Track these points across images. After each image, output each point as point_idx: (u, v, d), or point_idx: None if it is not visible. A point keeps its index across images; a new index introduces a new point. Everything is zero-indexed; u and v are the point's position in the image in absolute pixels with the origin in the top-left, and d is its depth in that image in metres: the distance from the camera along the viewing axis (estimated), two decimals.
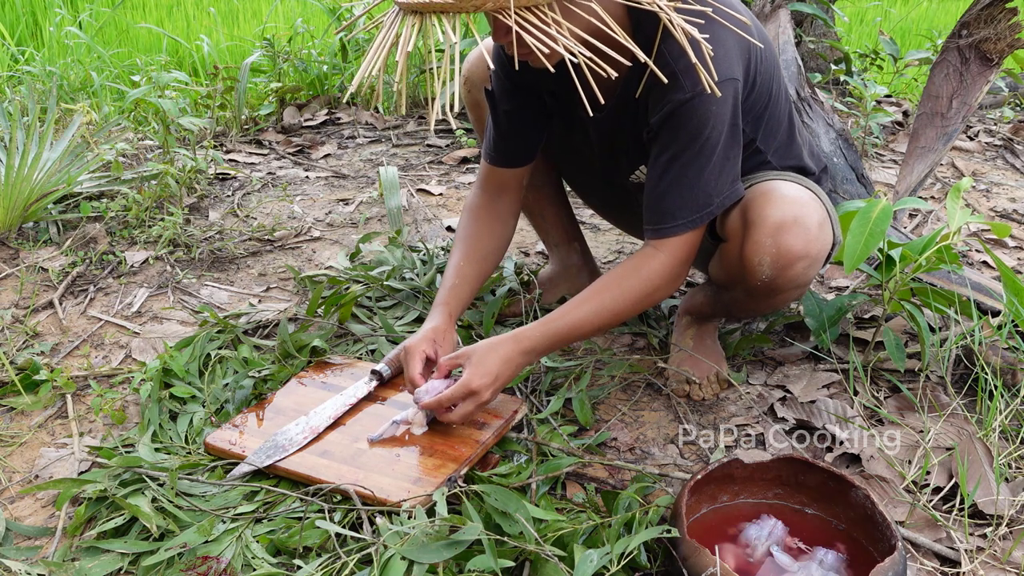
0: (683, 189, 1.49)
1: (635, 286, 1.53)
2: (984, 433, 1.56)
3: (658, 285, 1.54)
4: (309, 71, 3.66)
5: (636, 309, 1.56)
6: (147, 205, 2.53)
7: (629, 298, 1.53)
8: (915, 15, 5.27)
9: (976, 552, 1.38)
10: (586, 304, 1.54)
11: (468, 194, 1.82)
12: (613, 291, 1.54)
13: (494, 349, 1.51)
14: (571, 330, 1.54)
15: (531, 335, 1.53)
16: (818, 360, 1.86)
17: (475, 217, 1.78)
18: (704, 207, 1.51)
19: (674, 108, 1.44)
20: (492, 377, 1.49)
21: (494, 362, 1.50)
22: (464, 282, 1.71)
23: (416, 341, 1.60)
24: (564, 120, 1.72)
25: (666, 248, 1.53)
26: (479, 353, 1.51)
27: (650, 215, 1.54)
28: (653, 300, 1.56)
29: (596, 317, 1.54)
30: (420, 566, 1.24)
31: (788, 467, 1.41)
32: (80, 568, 1.32)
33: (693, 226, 1.51)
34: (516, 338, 1.53)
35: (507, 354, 1.51)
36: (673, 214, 1.51)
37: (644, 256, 1.54)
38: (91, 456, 1.59)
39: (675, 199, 1.50)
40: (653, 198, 1.53)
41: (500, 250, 1.79)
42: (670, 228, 1.52)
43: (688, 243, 1.53)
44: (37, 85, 3.33)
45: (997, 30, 2.06)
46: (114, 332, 2.03)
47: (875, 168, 3.02)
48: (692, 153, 1.47)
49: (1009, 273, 1.68)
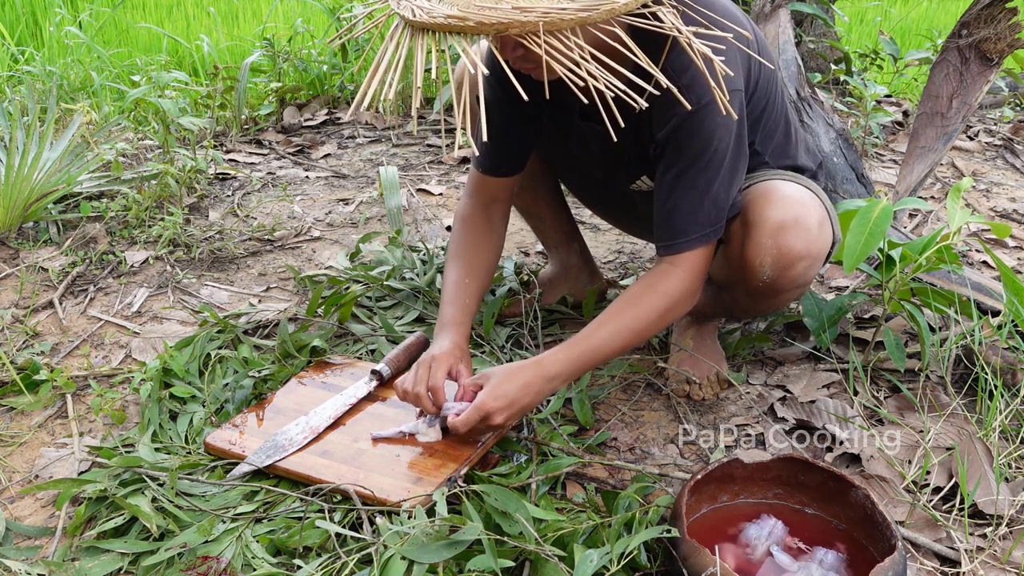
0: (693, 204, 1.48)
1: (655, 304, 1.51)
2: (984, 433, 1.56)
3: (677, 300, 1.52)
4: (309, 71, 3.66)
5: (657, 327, 1.53)
6: (147, 205, 2.53)
7: (650, 316, 1.51)
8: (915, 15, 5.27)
9: (976, 552, 1.38)
10: (608, 325, 1.51)
11: (459, 203, 1.80)
12: (634, 310, 1.51)
13: (515, 374, 1.48)
14: (595, 352, 1.51)
15: (555, 359, 1.49)
16: (818, 360, 1.86)
17: (470, 228, 1.75)
18: (716, 221, 1.50)
19: (680, 122, 1.43)
20: (507, 401, 1.45)
21: (512, 387, 1.46)
22: (472, 300, 1.68)
23: (444, 353, 1.56)
24: (561, 128, 1.70)
25: (681, 263, 1.51)
26: (499, 376, 1.48)
27: (661, 232, 1.52)
28: (673, 316, 1.54)
29: (619, 336, 1.51)
30: (420, 566, 1.24)
31: (788, 467, 1.41)
32: (80, 568, 1.32)
33: (706, 240, 1.50)
34: (540, 363, 1.49)
35: (527, 379, 1.47)
36: (685, 230, 1.49)
37: (660, 273, 1.52)
38: (91, 456, 1.59)
39: (686, 215, 1.49)
40: (663, 215, 1.51)
41: (496, 260, 1.78)
42: (683, 244, 1.50)
43: (703, 257, 1.52)
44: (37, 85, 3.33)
45: (997, 30, 2.06)
46: (114, 332, 2.03)
47: (875, 168, 3.02)
48: (700, 167, 1.46)
49: (1009, 273, 1.68)
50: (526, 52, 1.25)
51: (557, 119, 1.69)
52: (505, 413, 1.46)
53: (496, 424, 1.47)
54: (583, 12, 1.20)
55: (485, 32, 1.19)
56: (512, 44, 1.25)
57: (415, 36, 1.21)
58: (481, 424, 1.47)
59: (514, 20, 1.17)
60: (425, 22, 1.19)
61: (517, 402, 1.46)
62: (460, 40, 1.18)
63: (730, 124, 1.45)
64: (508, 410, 1.46)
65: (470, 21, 1.18)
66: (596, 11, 1.21)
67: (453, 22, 1.18)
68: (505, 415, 1.46)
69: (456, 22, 1.18)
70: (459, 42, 1.18)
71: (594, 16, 1.21)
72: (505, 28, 1.18)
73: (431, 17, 1.19)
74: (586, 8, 1.21)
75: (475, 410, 1.45)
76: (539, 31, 1.18)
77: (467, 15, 1.18)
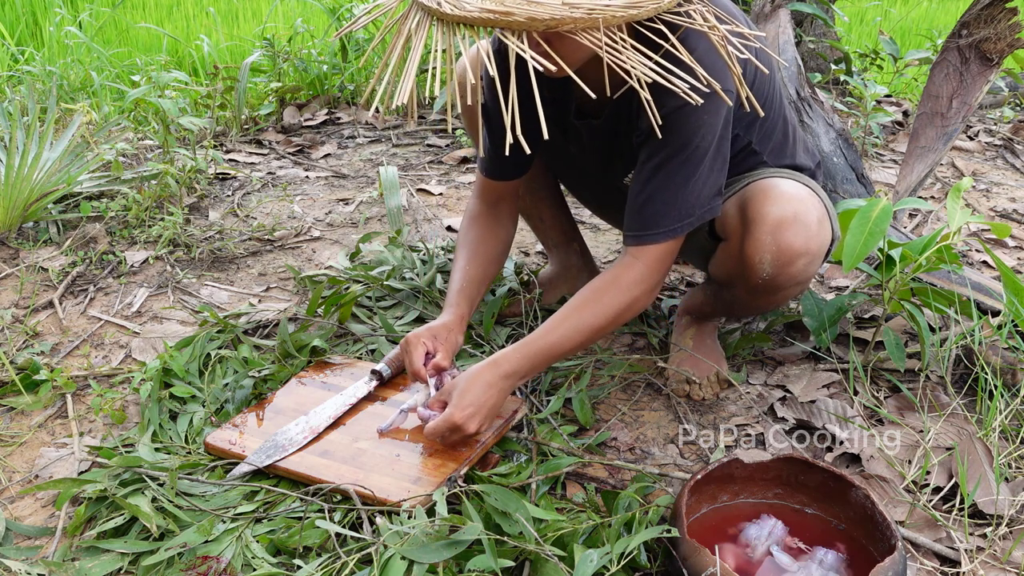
0: (667, 196, 1.48)
1: (614, 300, 1.51)
2: (984, 433, 1.56)
3: (636, 296, 1.52)
4: (309, 71, 3.66)
5: (616, 323, 1.53)
6: (147, 205, 2.53)
7: (608, 313, 1.51)
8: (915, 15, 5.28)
9: (976, 552, 1.38)
10: (565, 322, 1.52)
11: (467, 203, 1.83)
12: (592, 307, 1.52)
13: (474, 379, 1.49)
14: (551, 348, 1.52)
15: (510, 358, 1.51)
16: (818, 360, 1.86)
17: (476, 223, 1.78)
18: (686, 216, 1.49)
19: (666, 114, 1.43)
20: (474, 408, 1.47)
21: (475, 393, 1.48)
22: (471, 284, 1.71)
23: (417, 333, 1.61)
24: (560, 126, 1.71)
25: (644, 256, 1.51)
26: (460, 387, 1.50)
27: (631, 221, 1.53)
28: (633, 312, 1.54)
29: (576, 334, 1.52)
30: (420, 566, 1.24)
31: (788, 467, 1.41)
32: (80, 568, 1.32)
33: (673, 235, 1.50)
34: (495, 363, 1.51)
35: (488, 380, 1.49)
36: (656, 222, 1.49)
37: (622, 266, 1.53)
38: (91, 456, 1.59)
39: (658, 206, 1.49)
40: (636, 204, 1.52)
41: (502, 254, 1.79)
42: (650, 236, 1.50)
43: (666, 252, 1.52)
44: (37, 85, 3.33)
45: (997, 30, 2.06)
46: (114, 332, 2.03)
47: (875, 168, 3.02)
48: (680, 161, 1.46)
49: (1009, 273, 1.68)
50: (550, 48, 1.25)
51: (554, 118, 1.69)
52: (476, 419, 1.48)
53: (471, 431, 1.48)
54: (631, 9, 1.20)
55: (535, 28, 1.17)
56: (534, 40, 1.23)
57: (449, 30, 1.18)
58: (455, 436, 1.48)
59: (566, 16, 1.16)
60: (462, 15, 1.16)
61: (484, 405, 1.48)
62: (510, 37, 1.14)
63: (715, 123, 1.45)
64: (478, 416, 1.48)
65: (517, 16, 1.15)
66: (642, 8, 1.21)
67: (496, 16, 1.14)
68: (477, 421, 1.48)
69: (499, 16, 1.14)
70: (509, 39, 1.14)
71: (641, 13, 1.21)
72: (557, 24, 1.16)
73: (464, 10, 1.16)
74: (632, 4, 1.20)
75: (444, 422, 1.47)
76: (591, 27, 1.16)
77: (512, 9, 1.15)
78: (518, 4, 1.16)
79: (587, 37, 1.18)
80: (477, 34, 1.19)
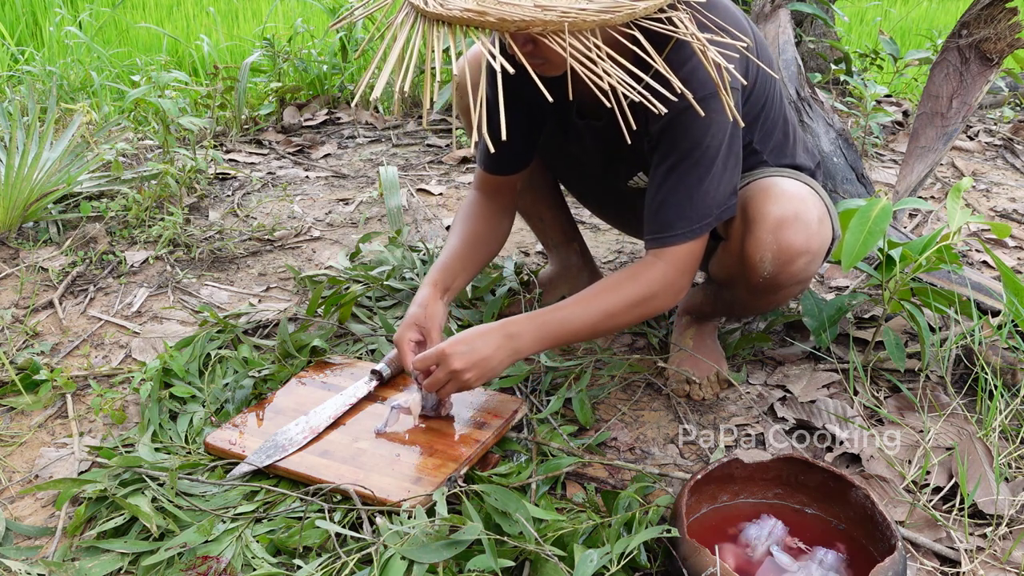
0: (682, 198, 1.48)
1: (632, 290, 1.51)
2: (984, 433, 1.56)
3: (655, 292, 1.52)
4: (309, 71, 3.66)
5: (632, 314, 1.53)
6: (147, 205, 2.53)
7: (625, 301, 1.51)
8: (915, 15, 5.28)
9: (976, 552, 1.38)
10: (581, 302, 1.52)
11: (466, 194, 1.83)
12: (610, 293, 1.52)
13: (477, 332, 1.50)
14: (560, 322, 1.51)
15: (517, 320, 1.51)
16: (818, 360, 1.86)
17: (471, 210, 1.78)
18: (703, 217, 1.50)
19: (674, 116, 1.43)
20: (467, 347, 1.47)
21: (471, 335, 1.48)
22: (455, 260, 1.70)
23: (401, 331, 1.61)
24: (561, 126, 1.71)
25: (666, 257, 1.51)
26: (462, 336, 1.50)
27: (650, 224, 1.53)
28: (651, 307, 1.53)
29: (589, 317, 1.51)
30: (420, 566, 1.24)
31: (788, 467, 1.41)
32: (80, 568, 1.32)
33: (693, 236, 1.50)
34: (502, 323, 1.51)
35: (486, 331, 1.49)
36: (672, 224, 1.50)
37: (644, 264, 1.53)
38: (91, 456, 1.59)
39: (674, 208, 1.49)
40: (653, 207, 1.52)
41: (494, 240, 1.79)
42: (669, 238, 1.50)
43: (689, 252, 1.52)
44: (37, 85, 3.33)
45: (997, 30, 2.06)
46: (114, 332, 2.03)
47: (875, 168, 3.02)
48: (692, 162, 1.46)
49: (1009, 273, 1.68)
50: (535, 48, 1.25)
51: (555, 118, 1.69)
52: (464, 358, 1.46)
53: (455, 368, 1.47)
54: (605, 14, 1.19)
55: (506, 29, 1.18)
56: (523, 39, 1.24)
57: (429, 27, 1.19)
58: (442, 372, 1.48)
59: (536, 18, 1.16)
60: (441, 14, 1.17)
61: (477, 350, 1.47)
62: (480, 35, 1.16)
63: (724, 122, 1.45)
64: (468, 356, 1.47)
65: (490, 16, 1.16)
66: (617, 14, 1.20)
67: (472, 16, 1.16)
68: (464, 360, 1.46)
69: (475, 16, 1.16)
70: (479, 37, 1.16)
71: (615, 19, 1.21)
72: (527, 26, 1.17)
73: (447, 9, 1.17)
74: (607, 10, 1.20)
75: (434, 352, 1.47)
76: (562, 30, 1.16)
77: (487, 10, 1.16)
78: (494, 5, 1.17)
79: (558, 40, 1.17)
80: (454, 33, 1.19)
